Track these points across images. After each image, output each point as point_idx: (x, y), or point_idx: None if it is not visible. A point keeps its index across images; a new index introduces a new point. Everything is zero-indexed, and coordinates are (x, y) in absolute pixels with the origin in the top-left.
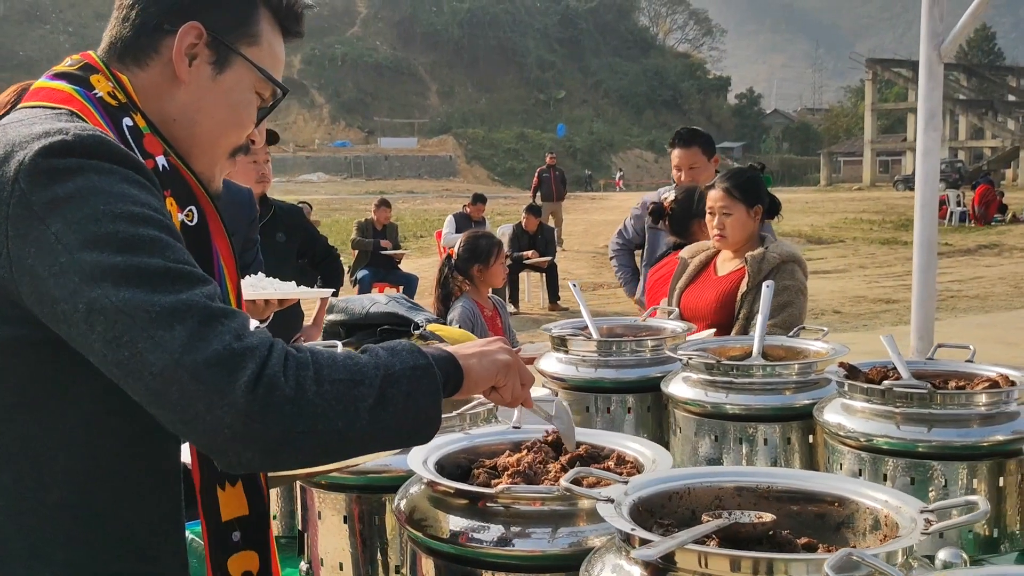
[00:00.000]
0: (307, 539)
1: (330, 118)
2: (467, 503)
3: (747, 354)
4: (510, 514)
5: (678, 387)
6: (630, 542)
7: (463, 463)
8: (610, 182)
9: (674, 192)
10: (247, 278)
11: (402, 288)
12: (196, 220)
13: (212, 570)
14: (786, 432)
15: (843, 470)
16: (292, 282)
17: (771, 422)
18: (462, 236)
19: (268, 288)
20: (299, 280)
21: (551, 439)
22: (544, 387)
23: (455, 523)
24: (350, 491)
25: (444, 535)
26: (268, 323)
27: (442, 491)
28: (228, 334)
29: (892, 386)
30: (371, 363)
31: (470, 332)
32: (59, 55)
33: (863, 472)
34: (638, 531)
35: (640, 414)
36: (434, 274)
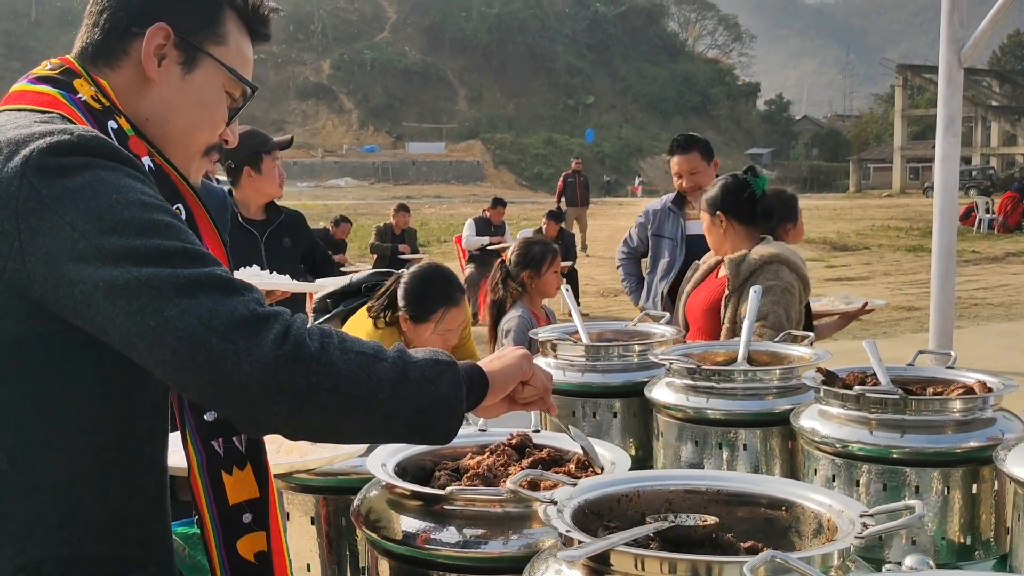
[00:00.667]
0: None
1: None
2: (422, 505)
3: (732, 359)
4: (464, 516)
5: (661, 392)
6: (568, 544)
7: (427, 465)
8: (636, 187)
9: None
10: (243, 269)
11: None
12: (184, 217)
13: (219, 553)
14: (767, 437)
15: (818, 476)
16: (286, 276)
17: (752, 427)
18: (516, 241)
19: (260, 279)
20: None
21: (515, 442)
22: None
23: (409, 524)
24: (317, 492)
25: (398, 536)
26: None
27: (399, 493)
28: (251, 301)
29: (865, 391)
30: (394, 350)
31: (525, 346)
32: None
33: (836, 478)
34: (574, 532)
35: (626, 419)
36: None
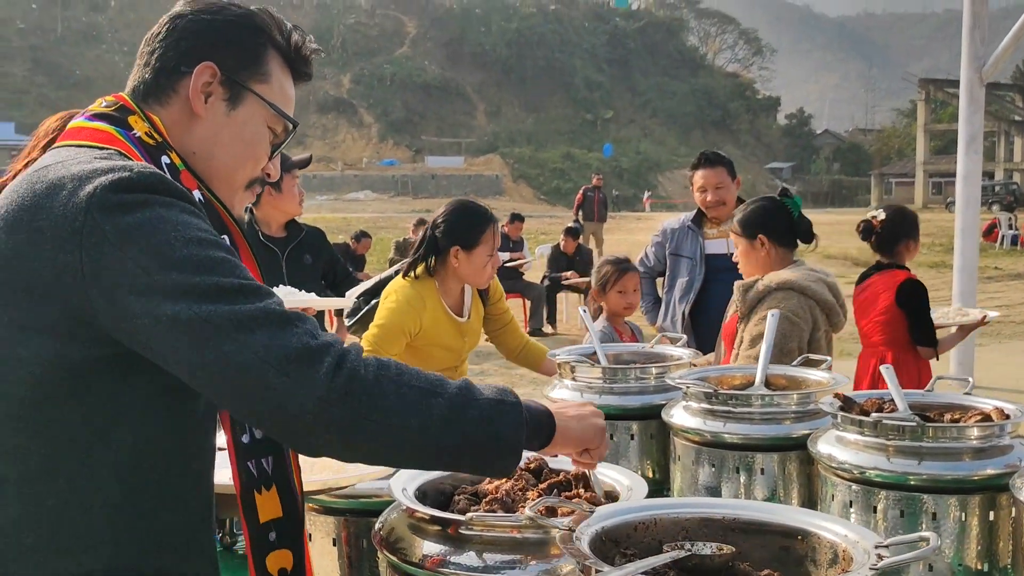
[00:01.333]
0: None
1: (378, 137)
2: (440, 529)
3: (749, 383)
4: (483, 541)
5: (678, 415)
6: (585, 572)
7: (447, 489)
8: (657, 201)
9: (883, 211)
10: (275, 289)
11: None
12: None
13: (254, 568)
14: (784, 462)
15: (835, 502)
16: (312, 293)
17: (769, 452)
18: (599, 262)
19: (293, 297)
20: None
21: (532, 466)
22: None
23: (429, 548)
24: (339, 515)
25: (418, 560)
26: None
27: (418, 517)
28: (305, 334)
29: (882, 418)
30: (455, 384)
31: None
32: (115, 74)
33: (853, 504)
34: (592, 561)
35: (644, 441)
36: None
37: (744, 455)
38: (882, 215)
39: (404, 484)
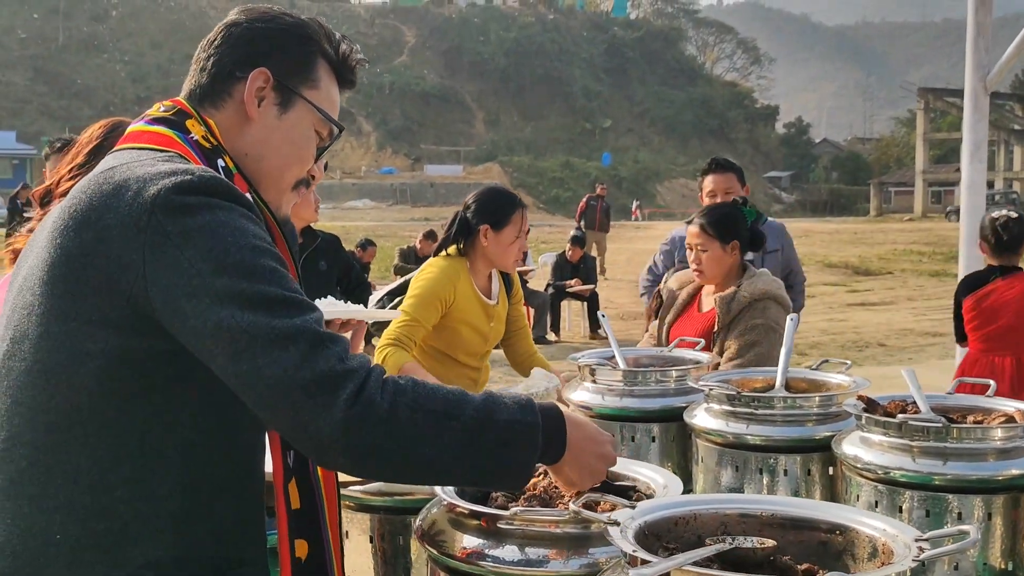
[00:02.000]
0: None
1: (377, 145)
2: (483, 524)
3: (769, 386)
4: (524, 536)
5: (700, 417)
6: (632, 563)
7: None
8: (635, 211)
9: (1007, 214)
10: (318, 301)
11: None
12: None
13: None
14: (807, 463)
15: (860, 502)
16: (360, 305)
17: (792, 453)
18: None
19: (338, 308)
20: None
21: None
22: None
23: (470, 542)
24: (375, 512)
25: (460, 554)
26: None
27: (459, 512)
28: (334, 357)
29: (908, 419)
30: (475, 404)
31: None
32: (116, 83)
33: (879, 504)
34: (640, 552)
35: (664, 443)
36: None
37: (767, 456)
38: (1015, 214)
39: None
